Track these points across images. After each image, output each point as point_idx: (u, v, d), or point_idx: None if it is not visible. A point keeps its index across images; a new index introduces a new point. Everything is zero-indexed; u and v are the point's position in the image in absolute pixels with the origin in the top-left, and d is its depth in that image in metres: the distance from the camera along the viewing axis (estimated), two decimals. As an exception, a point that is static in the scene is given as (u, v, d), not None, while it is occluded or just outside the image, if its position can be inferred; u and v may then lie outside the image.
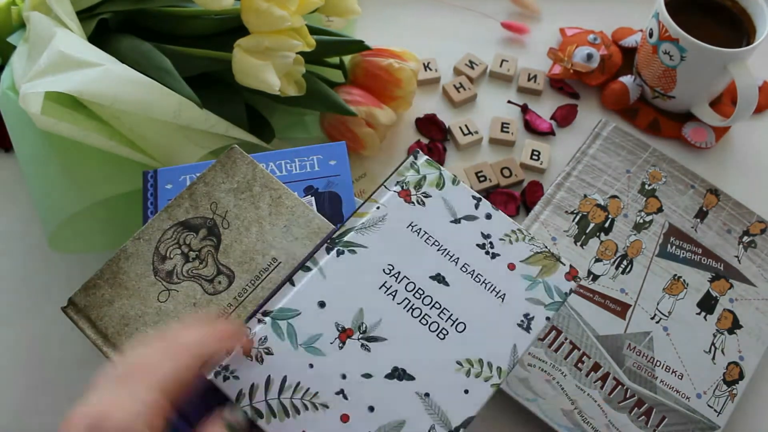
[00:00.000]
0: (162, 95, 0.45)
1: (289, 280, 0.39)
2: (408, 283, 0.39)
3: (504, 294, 0.39)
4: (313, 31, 0.52)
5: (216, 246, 0.40)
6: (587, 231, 0.54)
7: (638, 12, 0.67)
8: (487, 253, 0.40)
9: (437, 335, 0.38)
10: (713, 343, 0.50)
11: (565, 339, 0.50)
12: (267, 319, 0.38)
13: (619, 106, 0.63)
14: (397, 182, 0.42)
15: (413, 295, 0.39)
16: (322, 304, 0.38)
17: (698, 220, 0.56)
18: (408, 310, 0.39)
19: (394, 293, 0.39)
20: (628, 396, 0.48)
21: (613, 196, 0.56)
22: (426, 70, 0.65)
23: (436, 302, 0.39)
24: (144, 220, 0.44)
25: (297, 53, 0.49)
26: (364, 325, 0.38)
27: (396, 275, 0.39)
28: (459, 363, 0.38)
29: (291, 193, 0.42)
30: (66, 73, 0.44)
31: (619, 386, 0.48)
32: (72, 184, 0.48)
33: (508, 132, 0.61)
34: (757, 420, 0.50)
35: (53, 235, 0.48)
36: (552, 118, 0.63)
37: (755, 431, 0.49)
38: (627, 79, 0.63)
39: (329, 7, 0.53)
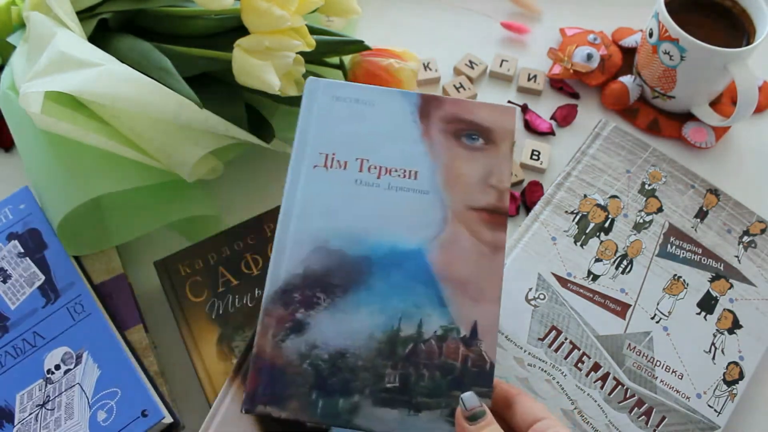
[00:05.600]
0: (162, 95, 0.45)
1: None
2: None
3: None
4: (313, 31, 0.52)
5: None
6: (587, 231, 0.54)
7: (638, 12, 0.67)
8: None
9: None
10: (713, 343, 0.50)
11: (565, 339, 0.50)
12: None
13: (619, 106, 0.63)
14: None
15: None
16: None
17: (698, 220, 0.56)
18: None
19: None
20: (628, 396, 0.48)
21: (613, 196, 0.56)
22: (426, 70, 0.65)
23: None
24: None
25: (297, 53, 0.49)
26: None
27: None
28: None
29: None
30: (66, 72, 0.44)
31: (619, 386, 0.48)
32: (74, 182, 0.48)
33: (508, 132, 0.61)
34: (757, 420, 0.50)
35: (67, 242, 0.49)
36: (552, 118, 0.63)
37: (755, 431, 0.49)
38: (627, 79, 0.63)
39: (329, 7, 0.53)
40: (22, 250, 0.49)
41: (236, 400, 0.41)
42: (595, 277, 0.52)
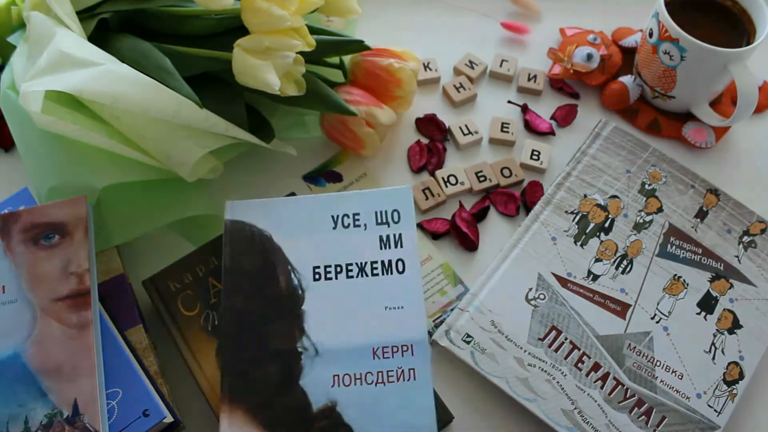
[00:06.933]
0: (162, 95, 0.45)
1: None
2: None
3: None
4: (313, 31, 0.52)
5: None
6: (587, 231, 0.54)
7: (638, 12, 0.67)
8: None
9: None
10: (713, 343, 0.50)
11: (565, 339, 0.50)
12: None
13: (619, 106, 0.63)
14: None
15: None
16: None
17: (698, 220, 0.56)
18: None
19: None
20: (628, 396, 0.48)
21: (613, 196, 0.56)
22: (426, 70, 0.65)
23: None
24: None
25: (297, 53, 0.49)
26: None
27: None
28: None
29: None
30: (66, 72, 0.44)
31: (619, 386, 0.48)
32: (75, 182, 0.48)
33: (508, 132, 0.61)
34: (757, 420, 0.50)
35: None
36: (552, 118, 0.63)
37: (755, 431, 0.49)
38: (627, 79, 0.63)
39: (329, 7, 0.53)
40: None
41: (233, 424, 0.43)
42: (595, 277, 0.52)
